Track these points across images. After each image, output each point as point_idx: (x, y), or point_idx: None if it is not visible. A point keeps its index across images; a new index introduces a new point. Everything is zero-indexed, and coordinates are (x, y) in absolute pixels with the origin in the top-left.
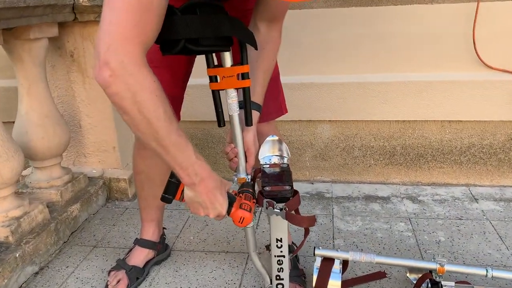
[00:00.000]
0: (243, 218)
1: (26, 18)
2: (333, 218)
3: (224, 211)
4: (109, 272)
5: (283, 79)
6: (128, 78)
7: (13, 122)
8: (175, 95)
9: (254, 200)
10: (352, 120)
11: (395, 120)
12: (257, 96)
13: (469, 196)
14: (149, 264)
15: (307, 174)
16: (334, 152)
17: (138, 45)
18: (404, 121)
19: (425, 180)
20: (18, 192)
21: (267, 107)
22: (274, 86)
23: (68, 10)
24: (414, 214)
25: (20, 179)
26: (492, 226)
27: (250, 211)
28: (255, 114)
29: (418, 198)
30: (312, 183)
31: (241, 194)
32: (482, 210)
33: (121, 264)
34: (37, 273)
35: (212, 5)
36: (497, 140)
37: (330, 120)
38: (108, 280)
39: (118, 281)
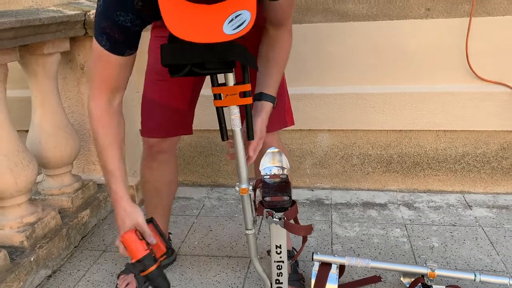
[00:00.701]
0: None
1: (41, 35)
2: (331, 224)
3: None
4: (119, 275)
5: None
6: (89, 109)
7: (26, 131)
8: (181, 108)
9: (146, 244)
10: (351, 130)
11: (392, 130)
12: (270, 88)
13: (463, 203)
14: None
15: (307, 181)
16: (333, 160)
17: (102, 91)
18: (400, 130)
19: (421, 187)
20: (31, 199)
21: (270, 118)
22: (278, 98)
23: (79, 26)
24: (410, 220)
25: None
26: (484, 232)
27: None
28: (268, 105)
29: (414, 205)
30: (312, 190)
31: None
32: (475, 217)
33: (130, 268)
34: (50, 276)
35: None
36: (490, 149)
37: (329, 130)
38: (117, 283)
39: (127, 285)
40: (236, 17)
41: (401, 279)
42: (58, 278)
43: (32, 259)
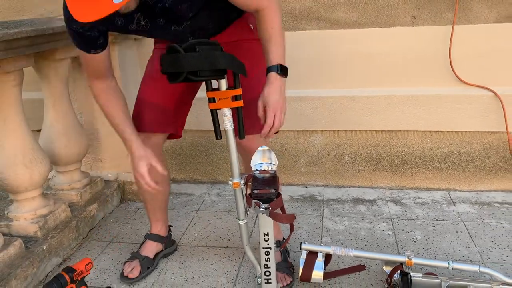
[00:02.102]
0: None
1: (53, 42)
2: (322, 218)
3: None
4: (125, 263)
5: None
6: (91, 90)
7: (38, 130)
8: (167, 107)
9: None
10: (342, 130)
11: (381, 130)
12: (272, 60)
13: (448, 199)
14: (159, 256)
15: (302, 178)
16: (326, 159)
17: (91, 77)
18: (389, 131)
19: (409, 184)
20: (44, 193)
21: (253, 122)
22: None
23: None
24: (396, 215)
25: None
26: (465, 226)
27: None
28: (271, 74)
29: (402, 201)
30: (306, 187)
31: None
32: (458, 212)
33: (135, 255)
34: (61, 263)
35: (209, 43)
36: (474, 148)
37: (322, 130)
38: (123, 269)
39: (132, 269)
40: None
41: (383, 267)
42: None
43: (44, 248)
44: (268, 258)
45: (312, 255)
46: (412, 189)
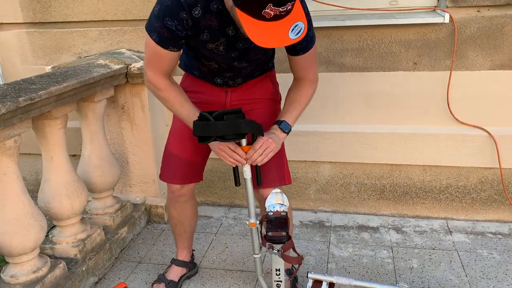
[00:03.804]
0: None
1: (93, 88)
2: (329, 245)
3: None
4: (152, 284)
5: (293, 128)
6: (149, 84)
7: (72, 155)
8: (195, 161)
9: None
10: (349, 162)
11: (385, 163)
12: (286, 117)
13: (445, 228)
14: (182, 279)
15: (311, 204)
16: (334, 187)
17: (154, 71)
18: (392, 164)
19: (410, 213)
20: (82, 218)
21: (271, 175)
22: (279, 158)
23: (122, 77)
24: (396, 243)
25: None
26: (458, 256)
27: None
28: (275, 127)
29: (402, 229)
30: (316, 212)
31: None
32: (453, 242)
33: (161, 278)
34: (96, 282)
35: (234, 112)
36: (470, 182)
37: (330, 161)
38: None
39: None
40: (295, 26)
41: None
42: (103, 284)
43: (84, 269)
44: None
45: (317, 283)
46: (413, 217)
